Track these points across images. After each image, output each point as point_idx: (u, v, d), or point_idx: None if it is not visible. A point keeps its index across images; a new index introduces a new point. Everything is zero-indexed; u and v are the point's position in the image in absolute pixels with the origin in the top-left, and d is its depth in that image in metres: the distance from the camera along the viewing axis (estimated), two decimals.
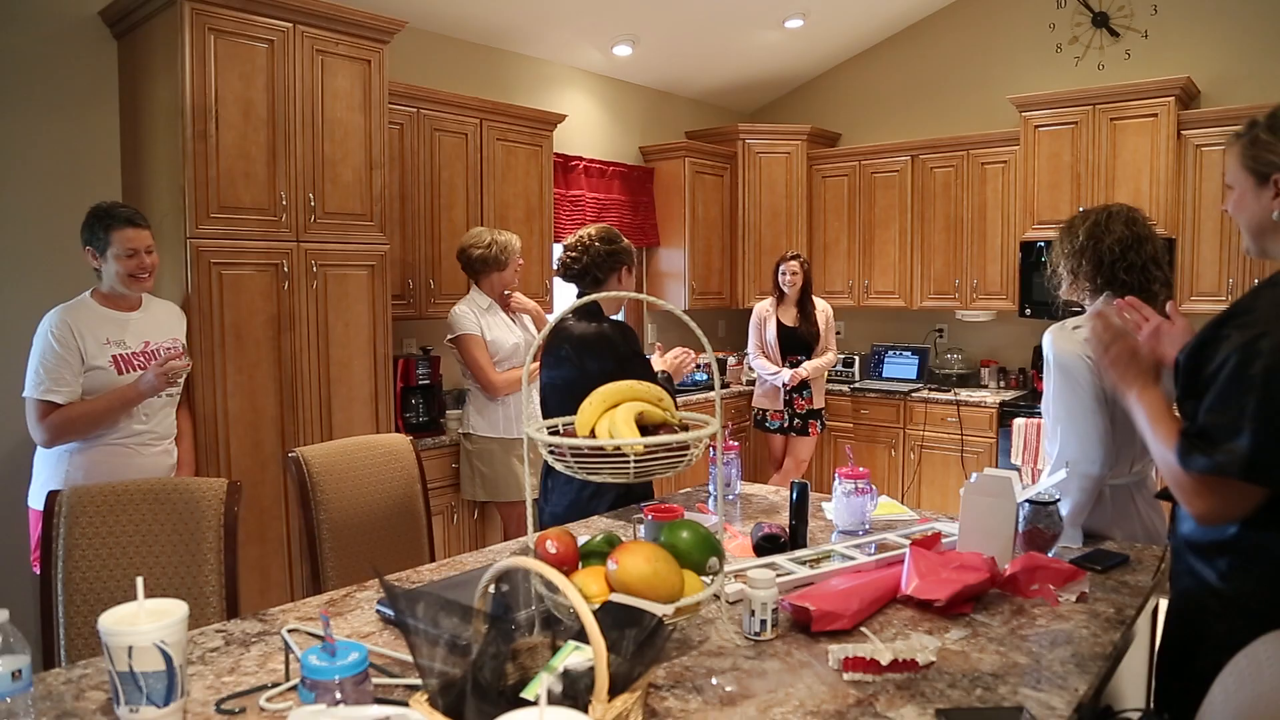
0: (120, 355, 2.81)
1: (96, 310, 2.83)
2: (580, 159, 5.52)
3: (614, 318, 2.79)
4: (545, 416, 2.63)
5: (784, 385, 5.14)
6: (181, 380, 2.95)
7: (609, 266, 2.78)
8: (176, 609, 1.28)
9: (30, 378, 2.71)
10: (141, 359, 2.85)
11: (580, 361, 2.65)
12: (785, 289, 5.19)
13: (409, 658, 1.40)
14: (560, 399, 2.70)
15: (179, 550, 2.16)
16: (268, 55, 3.38)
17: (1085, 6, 5.45)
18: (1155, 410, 1.63)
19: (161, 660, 1.23)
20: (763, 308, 5.33)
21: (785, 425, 5.23)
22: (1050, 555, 2.01)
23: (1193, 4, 5.11)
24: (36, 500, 2.81)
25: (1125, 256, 2.21)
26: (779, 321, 5.24)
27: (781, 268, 5.20)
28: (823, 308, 5.28)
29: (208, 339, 3.25)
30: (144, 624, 1.23)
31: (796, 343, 5.19)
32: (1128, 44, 5.34)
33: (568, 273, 2.82)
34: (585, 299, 1.79)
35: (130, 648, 1.22)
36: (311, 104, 3.53)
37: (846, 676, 1.44)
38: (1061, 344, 2.20)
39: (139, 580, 1.30)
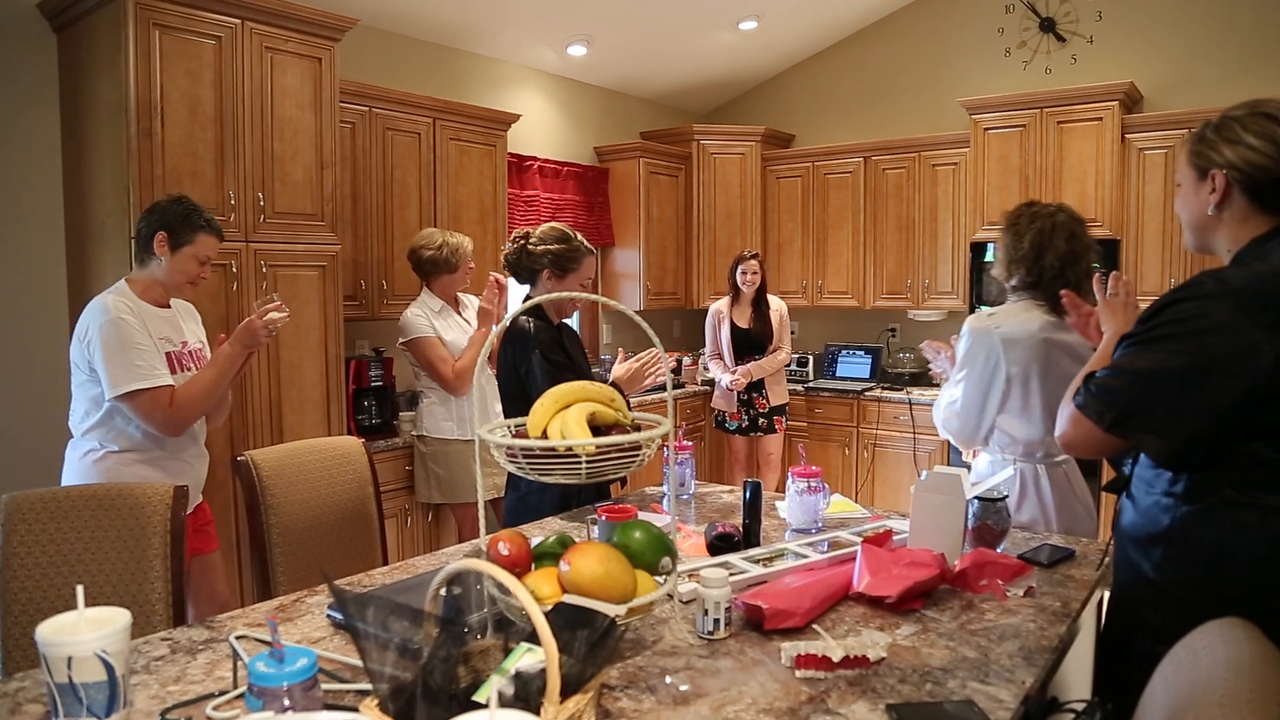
0: (171, 352, 2.67)
1: (140, 303, 2.62)
2: (535, 159, 5.50)
3: (542, 318, 2.79)
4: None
5: (729, 389, 5.16)
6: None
7: (527, 268, 2.79)
8: (119, 617, 1.25)
9: (125, 371, 2.49)
10: (186, 357, 2.72)
11: (504, 352, 2.73)
12: (743, 289, 5.18)
13: (360, 663, 1.38)
14: (504, 395, 2.76)
15: (123, 557, 2.11)
16: (215, 52, 3.32)
17: (1033, 12, 5.55)
18: (1103, 350, 1.79)
19: (103, 670, 1.20)
20: (718, 309, 5.31)
21: (745, 426, 5.24)
22: (999, 551, 2.04)
23: (1136, 11, 5.23)
24: None
25: (1063, 274, 2.40)
26: (733, 323, 5.23)
27: (740, 268, 5.17)
28: (777, 306, 5.27)
29: None
30: (84, 633, 1.20)
31: (751, 344, 5.19)
32: (1074, 49, 5.45)
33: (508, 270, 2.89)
34: (531, 302, 1.79)
35: (70, 658, 1.19)
36: (261, 102, 3.47)
37: (799, 674, 1.45)
38: (977, 324, 2.47)
39: (79, 589, 1.26)
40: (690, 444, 2.78)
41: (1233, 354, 1.42)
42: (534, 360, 2.62)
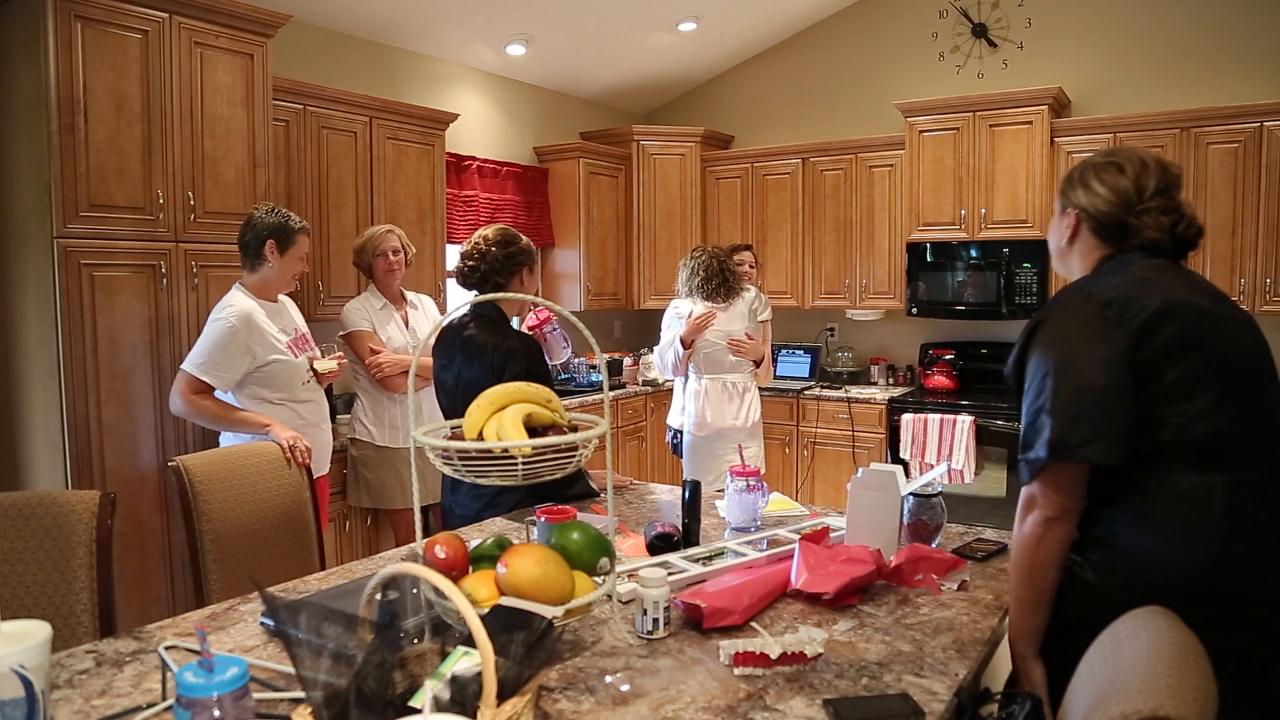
0: (290, 341, 3.14)
1: (259, 303, 3.07)
2: (474, 159, 5.45)
3: (518, 328, 2.75)
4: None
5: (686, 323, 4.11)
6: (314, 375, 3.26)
7: (508, 270, 2.73)
8: (38, 630, 1.21)
9: (196, 354, 2.96)
10: (301, 341, 3.22)
11: (476, 365, 2.62)
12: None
13: (294, 670, 1.36)
14: (450, 402, 2.68)
15: (46, 568, 2.05)
16: (142, 46, 3.23)
17: (965, 18, 5.66)
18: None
19: (20, 686, 1.16)
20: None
21: None
22: (933, 546, 2.08)
23: (1064, 19, 5.37)
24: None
25: (705, 281, 3.98)
26: None
27: (735, 258, 4.41)
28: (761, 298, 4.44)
29: (78, 343, 3.09)
30: None
31: None
32: (1005, 54, 5.57)
33: (466, 280, 2.76)
34: (478, 299, 1.77)
35: None
36: (190, 98, 3.39)
37: (737, 671, 1.46)
38: (674, 305, 4.13)
39: None
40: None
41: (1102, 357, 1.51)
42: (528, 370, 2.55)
